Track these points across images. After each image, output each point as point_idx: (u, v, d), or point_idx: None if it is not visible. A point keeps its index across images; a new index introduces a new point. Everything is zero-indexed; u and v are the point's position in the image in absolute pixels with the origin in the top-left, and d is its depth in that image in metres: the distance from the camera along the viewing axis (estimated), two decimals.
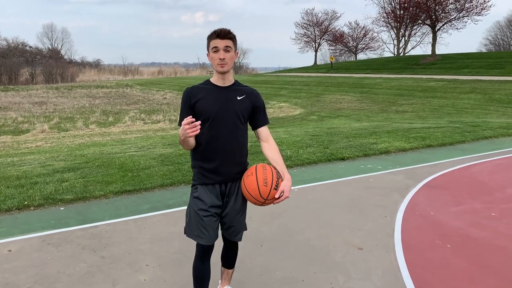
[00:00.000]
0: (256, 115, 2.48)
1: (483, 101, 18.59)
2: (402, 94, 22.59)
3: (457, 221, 4.30)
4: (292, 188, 5.52)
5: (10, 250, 3.65)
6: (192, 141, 2.33)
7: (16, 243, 3.81)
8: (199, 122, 2.14)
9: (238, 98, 2.39)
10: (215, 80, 2.39)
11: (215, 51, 2.28)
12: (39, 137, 13.84)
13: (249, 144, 2.61)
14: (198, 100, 2.33)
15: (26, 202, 4.85)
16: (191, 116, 2.16)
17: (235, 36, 2.32)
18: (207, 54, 2.34)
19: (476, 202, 4.93)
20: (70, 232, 4.07)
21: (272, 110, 21.12)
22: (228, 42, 2.28)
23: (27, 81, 48.85)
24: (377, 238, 3.88)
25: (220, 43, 2.26)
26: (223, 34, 2.26)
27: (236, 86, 2.42)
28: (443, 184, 5.68)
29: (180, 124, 2.27)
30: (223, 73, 2.33)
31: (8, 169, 6.57)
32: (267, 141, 2.51)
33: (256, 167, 2.38)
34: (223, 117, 2.34)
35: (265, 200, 2.31)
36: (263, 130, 2.52)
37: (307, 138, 8.95)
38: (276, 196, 2.31)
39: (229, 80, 2.39)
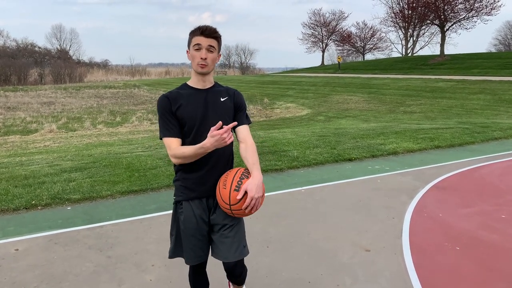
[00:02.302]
0: (236, 115, 2.23)
1: (492, 102, 18.38)
2: (410, 94, 22.42)
3: (466, 223, 4.24)
4: (299, 188, 5.51)
5: (17, 249, 3.67)
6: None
7: (24, 242, 3.83)
8: (233, 124, 2.00)
9: (222, 99, 2.18)
10: (194, 82, 2.16)
11: (197, 49, 2.07)
12: (47, 137, 13.96)
13: (255, 144, 2.58)
14: (179, 107, 2.09)
15: (33, 202, 4.87)
16: (221, 123, 1.96)
17: (220, 36, 2.11)
18: (187, 51, 2.13)
19: (485, 204, 4.87)
20: (76, 231, 4.08)
21: (279, 110, 21.09)
22: (212, 42, 2.07)
23: (36, 82, 49.41)
24: (385, 240, 3.84)
25: (203, 41, 2.05)
26: (208, 32, 2.05)
27: (217, 88, 2.21)
28: (452, 186, 5.61)
29: (165, 136, 2.08)
30: (203, 74, 2.11)
31: (16, 169, 6.62)
32: (244, 142, 2.21)
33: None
34: (208, 123, 2.08)
35: (230, 206, 2.04)
36: (242, 130, 2.22)
37: (314, 139, 8.91)
38: (238, 197, 2.01)
39: (209, 82, 2.18)
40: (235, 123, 2.08)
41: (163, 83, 43.94)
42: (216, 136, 1.93)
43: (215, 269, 2.85)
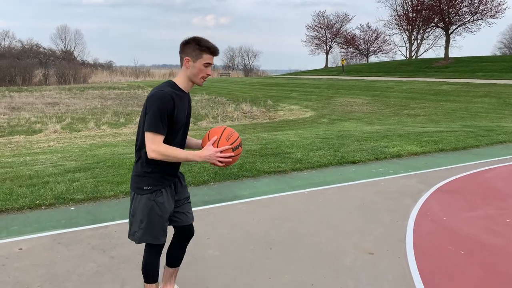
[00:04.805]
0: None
1: (497, 105, 18.30)
2: (414, 97, 22.36)
3: (470, 227, 4.21)
4: (302, 191, 5.50)
5: (21, 249, 3.68)
6: None
7: (27, 241, 3.84)
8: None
9: (190, 103, 2.52)
10: (184, 86, 2.36)
11: (206, 66, 2.32)
12: (51, 137, 14.01)
13: (258, 146, 2.61)
14: (176, 108, 2.27)
15: (37, 201, 4.89)
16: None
17: None
18: (187, 60, 2.30)
19: (490, 208, 4.84)
20: (80, 231, 4.09)
21: (283, 112, 21.08)
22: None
23: (41, 82, 49.59)
24: (388, 243, 3.82)
25: (212, 60, 2.33)
26: (217, 52, 2.34)
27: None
28: (456, 189, 5.59)
29: (160, 132, 2.21)
30: (199, 85, 2.41)
31: (20, 169, 6.64)
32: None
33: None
34: (187, 125, 2.45)
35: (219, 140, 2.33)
36: None
37: (318, 141, 8.90)
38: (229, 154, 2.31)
39: None
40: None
41: None
42: (213, 149, 2.26)
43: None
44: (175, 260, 2.75)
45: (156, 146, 2.21)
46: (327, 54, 61.74)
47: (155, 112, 2.20)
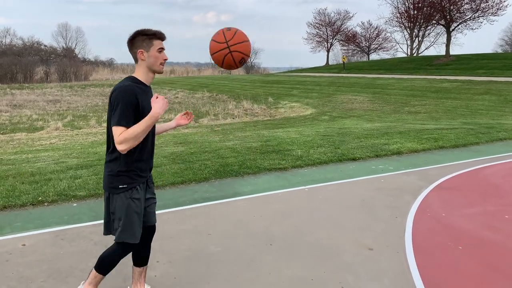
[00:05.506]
0: None
1: (498, 103, 18.29)
2: (415, 94, 22.35)
3: (469, 224, 4.25)
4: (303, 187, 5.54)
5: (24, 245, 3.72)
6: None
7: (30, 237, 3.88)
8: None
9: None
10: (145, 79, 2.40)
11: (160, 51, 2.37)
12: (53, 134, 14.04)
13: (259, 143, 2.63)
14: (140, 101, 2.29)
15: (40, 198, 4.93)
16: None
17: None
18: (141, 52, 2.34)
19: (489, 204, 4.87)
20: (82, 228, 4.13)
21: (283, 110, 21.09)
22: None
23: (42, 80, 49.63)
24: (388, 239, 3.85)
25: (163, 44, 2.38)
26: (164, 37, 2.38)
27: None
28: (456, 186, 5.62)
29: (126, 124, 2.19)
30: (160, 73, 2.44)
31: (23, 166, 6.69)
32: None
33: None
34: None
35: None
36: None
37: (318, 138, 8.93)
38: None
39: None
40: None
41: (168, 81, 44.02)
42: (160, 99, 2.23)
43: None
44: (141, 259, 2.78)
45: (119, 137, 2.19)
46: (328, 51, 61.68)
47: (121, 107, 2.22)
